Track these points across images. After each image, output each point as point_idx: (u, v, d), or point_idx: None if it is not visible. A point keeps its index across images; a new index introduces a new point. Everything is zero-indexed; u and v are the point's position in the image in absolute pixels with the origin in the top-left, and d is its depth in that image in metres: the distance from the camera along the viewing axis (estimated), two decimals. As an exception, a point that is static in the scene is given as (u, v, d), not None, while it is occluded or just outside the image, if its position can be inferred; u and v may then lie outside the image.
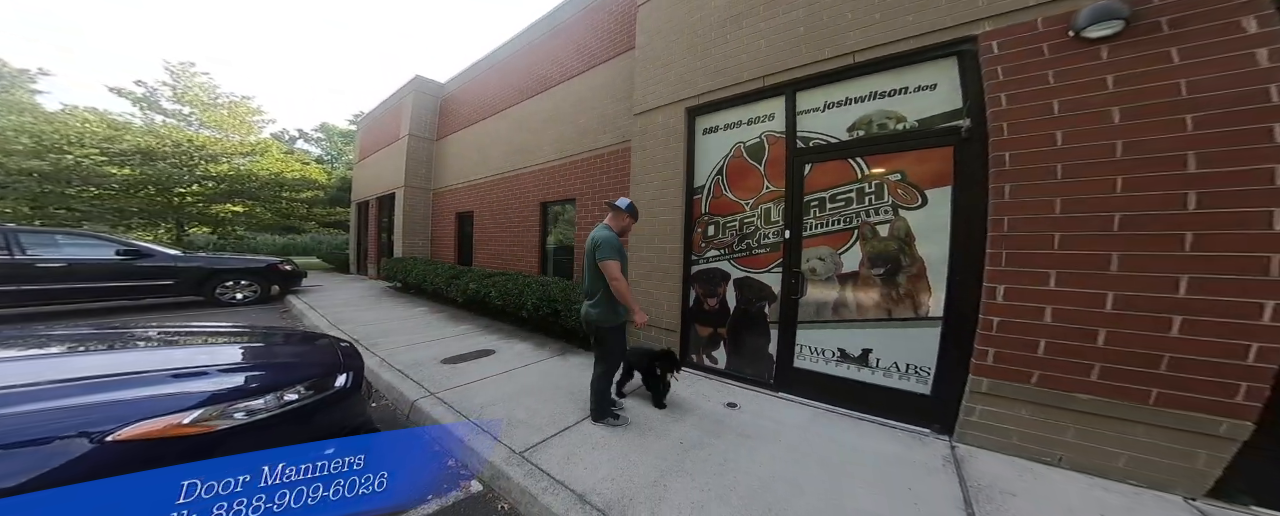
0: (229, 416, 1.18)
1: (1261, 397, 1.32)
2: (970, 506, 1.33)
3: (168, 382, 1.24)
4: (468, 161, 7.56)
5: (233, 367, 1.43)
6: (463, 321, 4.72)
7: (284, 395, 1.32)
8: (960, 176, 1.92)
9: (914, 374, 2.05)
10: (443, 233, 8.39)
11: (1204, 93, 1.42)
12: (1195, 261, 1.42)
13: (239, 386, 1.30)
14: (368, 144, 11.03)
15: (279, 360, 1.62)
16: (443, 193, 8.39)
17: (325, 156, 27.34)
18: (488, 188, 6.84)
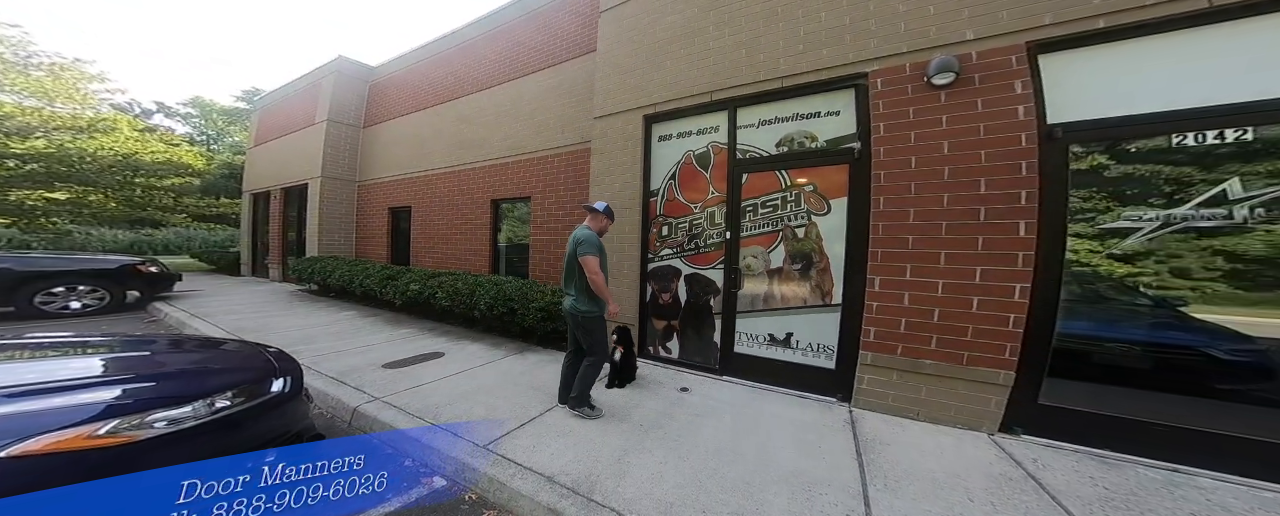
0: (149, 426, 1.19)
1: (1017, 353, 2.13)
2: (860, 456, 1.95)
3: (67, 393, 1.23)
4: (404, 153, 7.49)
5: (147, 376, 1.46)
6: (402, 324, 4.79)
7: (214, 401, 1.36)
8: (853, 189, 2.65)
9: (823, 352, 2.75)
10: (372, 229, 8.08)
11: (992, 133, 2.23)
12: (984, 257, 2.23)
13: (157, 394, 1.33)
14: (269, 127, 10.19)
15: (201, 366, 1.68)
16: (372, 185, 8.12)
17: (199, 136, 23.91)
18: (430, 182, 6.87)
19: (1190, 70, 1.94)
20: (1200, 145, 1.93)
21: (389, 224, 7.83)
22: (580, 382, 2.28)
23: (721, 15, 3.15)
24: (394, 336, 4.23)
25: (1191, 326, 1.96)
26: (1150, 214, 2.02)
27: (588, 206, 2.39)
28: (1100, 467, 1.86)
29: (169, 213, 15.13)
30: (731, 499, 1.54)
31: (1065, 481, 1.73)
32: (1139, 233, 2.05)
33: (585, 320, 2.26)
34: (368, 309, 5.90)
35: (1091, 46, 2.12)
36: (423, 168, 7.01)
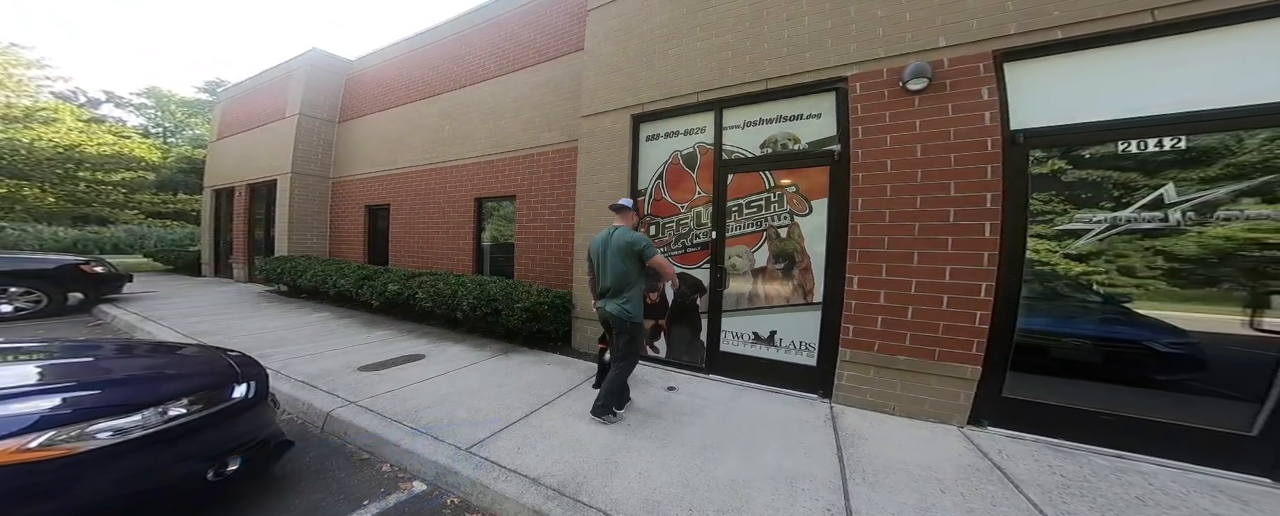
0: (90, 437, 1.13)
1: (983, 348, 2.31)
2: (840, 451, 2.10)
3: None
4: (382, 149, 7.49)
5: (90, 383, 1.41)
6: (380, 326, 4.78)
7: (167, 409, 1.31)
8: (833, 190, 2.81)
9: (805, 349, 2.90)
10: (347, 227, 7.96)
11: (960, 138, 2.41)
12: (953, 257, 2.41)
13: (100, 402, 1.27)
14: (234, 120, 10.00)
15: (153, 372, 1.63)
16: (347, 182, 8.04)
17: (154, 128, 22.88)
18: (410, 179, 6.87)
19: (1134, 82, 2.16)
20: (1142, 152, 2.14)
21: (365, 222, 7.73)
22: (613, 392, 2.30)
23: (709, 17, 3.28)
24: (370, 338, 4.22)
25: (1135, 321, 2.17)
26: (1100, 216, 2.23)
27: (617, 205, 2.46)
28: (1057, 456, 2.05)
29: (118, 209, 14.45)
30: (717, 496, 1.65)
31: (1027, 471, 1.91)
32: (1090, 233, 2.25)
33: (634, 327, 2.31)
34: (343, 310, 5.83)
35: (1050, 56, 2.33)
36: (402, 164, 7.00)
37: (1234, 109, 1.96)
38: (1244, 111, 1.95)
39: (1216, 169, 2.02)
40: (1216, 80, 2.01)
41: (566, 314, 3.97)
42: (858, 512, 1.53)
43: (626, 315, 2.29)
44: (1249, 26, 1.96)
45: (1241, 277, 1.99)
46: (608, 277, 2.36)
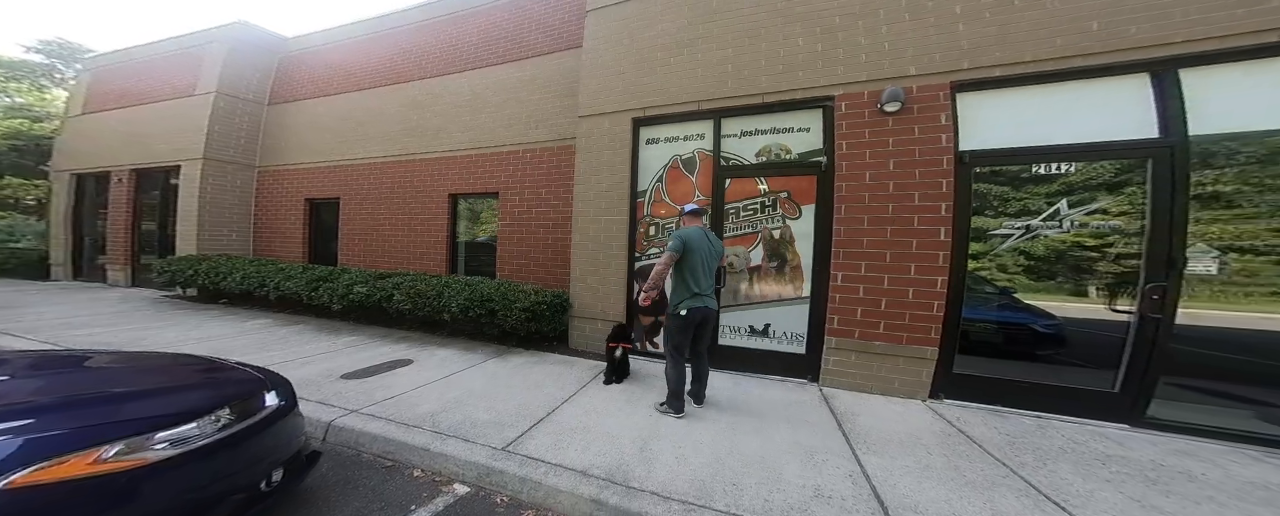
0: (150, 447, 1.14)
1: (939, 333, 2.88)
2: (841, 426, 2.51)
3: (49, 413, 1.19)
4: (331, 136, 6.97)
5: (131, 393, 1.42)
6: (341, 332, 4.53)
7: (219, 417, 1.32)
8: (820, 197, 3.25)
9: (795, 339, 3.32)
10: (282, 223, 7.22)
11: (923, 155, 2.94)
12: (917, 256, 2.98)
13: (153, 412, 1.28)
14: (111, 92, 8.63)
15: (185, 381, 1.62)
16: (283, 172, 7.35)
17: None
18: (369, 171, 6.49)
19: (1045, 117, 2.81)
20: (1048, 173, 2.81)
21: (307, 217, 7.07)
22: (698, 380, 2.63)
23: (710, 29, 3.56)
24: (338, 345, 3.98)
25: (1021, 308, 2.88)
26: (1019, 224, 2.88)
27: (697, 209, 2.71)
28: (997, 419, 2.66)
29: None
30: (752, 470, 1.92)
31: (981, 432, 2.46)
32: (1012, 238, 2.90)
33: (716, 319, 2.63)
34: (285, 316, 5.34)
35: (991, 90, 2.93)
36: (360, 155, 6.55)
37: (1100, 143, 2.67)
38: (1102, 146, 2.66)
39: (1090, 190, 2.74)
40: (1096, 120, 2.70)
41: (564, 313, 4.05)
42: (874, 476, 1.91)
43: (713, 309, 2.59)
44: (1116, 79, 2.67)
45: (1068, 271, 2.78)
46: (710, 277, 2.58)
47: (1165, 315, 2.48)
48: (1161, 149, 2.53)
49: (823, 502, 1.68)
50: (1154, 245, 2.53)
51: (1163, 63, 2.55)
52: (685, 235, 2.53)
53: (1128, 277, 2.65)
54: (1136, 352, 2.56)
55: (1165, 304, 2.48)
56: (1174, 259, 2.49)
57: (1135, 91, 2.65)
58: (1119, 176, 2.71)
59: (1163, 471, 1.98)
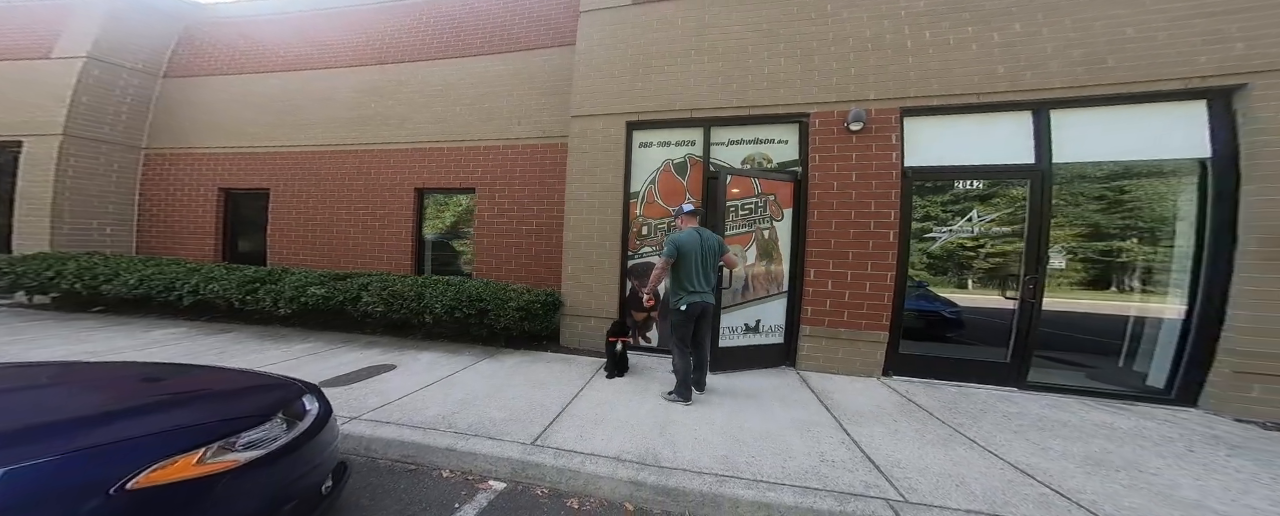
0: (234, 450, 1.16)
1: (889, 320, 3.45)
2: (824, 403, 2.88)
3: (143, 416, 1.22)
4: (258, 119, 6.12)
5: (194, 399, 1.42)
6: (290, 339, 4.15)
7: (285, 421, 1.34)
8: (797, 203, 3.66)
9: (776, 331, 3.71)
10: (183, 216, 6.30)
11: (878, 169, 3.48)
12: (873, 255, 3.51)
13: (228, 415, 1.30)
14: None
15: (236, 386, 1.61)
16: (186, 156, 6.37)
17: None
18: (308, 161, 5.82)
19: (966, 141, 3.48)
20: (964, 189, 3.51)
21: (221, 210, 6.12)
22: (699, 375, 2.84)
23: (702, 43, 3.81)
24: (294, 353, 3.60)
25: (933, 298, 3.59)
26: (943, 229, 3.56)
27: (695, 210, 2.92)
28: (933, 390, 3.25)
29: None
30: (764, 445, 2.17)
31: (926, 401, 2.99)
32: (938, 241, 3.58)
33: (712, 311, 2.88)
34: (202, 324, 4.66)
35: (926, 117, 3.54)
36: (298, 141, 5.81)
37: (990, 166, 3.40)
38: (991, 169, 3.40)
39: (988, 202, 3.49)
40: (999, 146, 3.43)
41: (556, 312, 4.07)
42: (860, 441, 2.28)
43: (713, 305, 2.87)
44: (1011, 114, 3.41)
45: (954, 268, 3.55)
46: (708, 275, 2.80)
47: (1036, 301, 3.26)
48: (1036, 171, 3.30)
49: (830, 466, 1.98)
50: (1029, 246, 3.30)
51: (1041, 104, 3.31)
52: (677, 240, 2.75)
53: (1013, 272, 3.43)
54: (1019, 331, 3.32)
55: (1036, 292, 3.26)
56: (1041, 257, 3.28)
57: (1022, 125, 3.40)
58: (999, 189, 3.50)
59: (1046, 421, 2.63)
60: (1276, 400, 2.67)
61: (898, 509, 1.65)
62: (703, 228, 2.91)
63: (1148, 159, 3.19)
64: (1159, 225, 3.33)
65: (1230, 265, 2.84)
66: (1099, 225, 3.52)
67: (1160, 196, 3.34)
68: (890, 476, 1.90)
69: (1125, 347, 3.35)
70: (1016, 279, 3.33)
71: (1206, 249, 2.95)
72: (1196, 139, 3.00)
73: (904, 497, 1.73)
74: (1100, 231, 3.53)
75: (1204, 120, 2.99)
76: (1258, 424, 2.64)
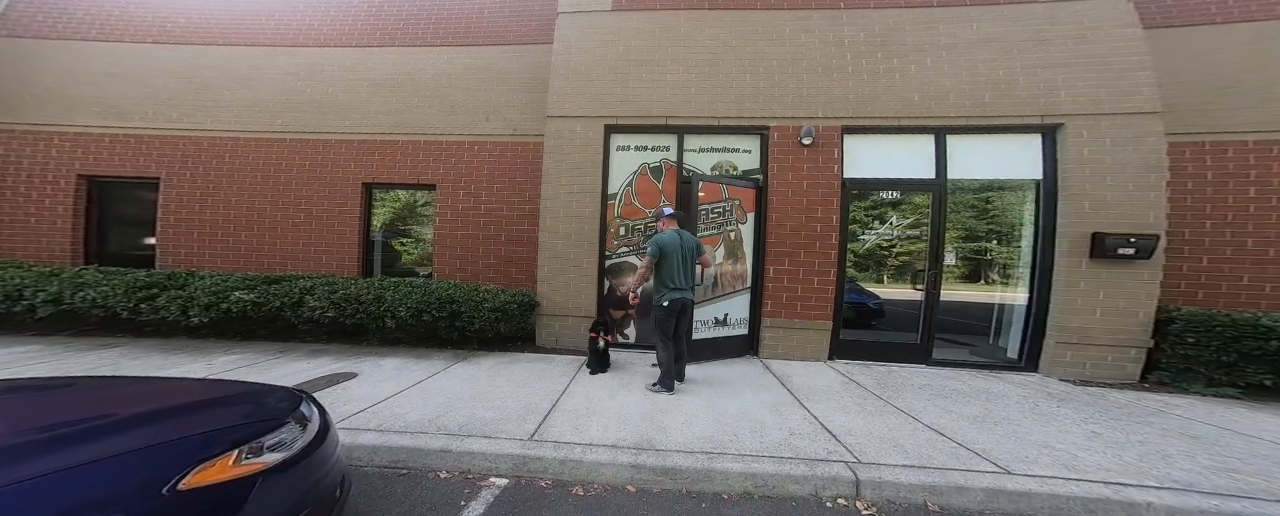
0: (262, 452, 1.16)
1: (832, 311, 4.04)
2: (785, 386, 3.26)
3: (170, 421, 1.21)
4: (147, 95, 5.14)
5: (211, 403, 1.41)
6: (208, 351, 3.66)
7: (302, 426, 1.33)
8: (759, 208, 4.09)
9: (742, 324, 4.11)
10: (27, 208, 5.15)
11: (823, 179, 4.03)
12: (818, 254, 4.05)
13: (250, 418, 1.31)
14: None
15: (244, 392, 1.57)
16: (32, 135, 5.13)
17: None
18: (220, 148, 5.05)
19: (885, 158, 4.17)
20: (885, 198, 4.25)
21: (81, 202, 5.02)
22: (677, 367, 3.01)
23: (677, 53, 4.04)
24: (221, 366, 3.22)
25: (861, 291, 4.32)
26: (870, 232, 4.26)
27: (673, 213, 3.12)
28: (868, 370, 3.87)
29: None
30: (743, 424, 2.44)
31: (864, 380, 3.54)
32: (867, 242, 4.28)
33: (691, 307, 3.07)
34: (67, 339, 3.88)
35: (861, 135, 4.17)
36: (204, 125, 4.97)
37: (905, 179, 4.16)
38: (905, 182, 4.17)
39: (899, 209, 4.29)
40: (911, 163, 4.19)
41: (531, 312, 4.03)
42: (819, 416, 2.65)
43: (692, 302, 3.08)
44: (920, 136, 4.20)
45: (874, 265, 4.38)
46: (688, 273, 3.03)
47: (936, 292, 4.08)
48: (936, 185, 4.10)
49: (798, 437, 2.31)
50: (931, 246, 4.10)
51: (941, 129, 4.09)
52: (660, 241, 2.96)
53: (919, 268, 4.23)
54: (925, 318, 4.13)
55: (937, 285, 4.08)
56: (940, 255, 4.10)
57: (928, 146, 4.19)
58: (908, 198, 4.32)
59: (948, 390, 3.30)
60: (1082, 363, 3.64)
61: (854, 469, 1.98)
62: (682, 229, 3.14)
63: (1006, 178, 4.14)
64: (1011, 230, 4.35)
65: (1052, 262, 3.84)
66: (973, 229, 4.48)
67: (1012, 207, 4.36)
68: (845, 443, 2.26)
69: (993, 328, 4.31)
70: (922, 274, 4.12)
71: (1039, 249, 3.93)
72: (1034, 164, 3.94)
73: (858, 459, 2.08)
74: (974, 234, 4.50)
75: (1039, 149, 3.96)
76: (1073, 381, 3.59)
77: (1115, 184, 3.63)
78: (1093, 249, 3.61)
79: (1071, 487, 1.82)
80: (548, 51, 4.30)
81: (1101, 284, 3.61)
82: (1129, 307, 3.57)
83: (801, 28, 4.13)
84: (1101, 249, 3.56)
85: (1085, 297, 3.64)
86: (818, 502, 1.85)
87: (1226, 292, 3.83)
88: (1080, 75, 3.78)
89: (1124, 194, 3.61)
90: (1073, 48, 3.82)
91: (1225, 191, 3.89)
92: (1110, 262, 3.59)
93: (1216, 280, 3.88)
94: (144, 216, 4.98)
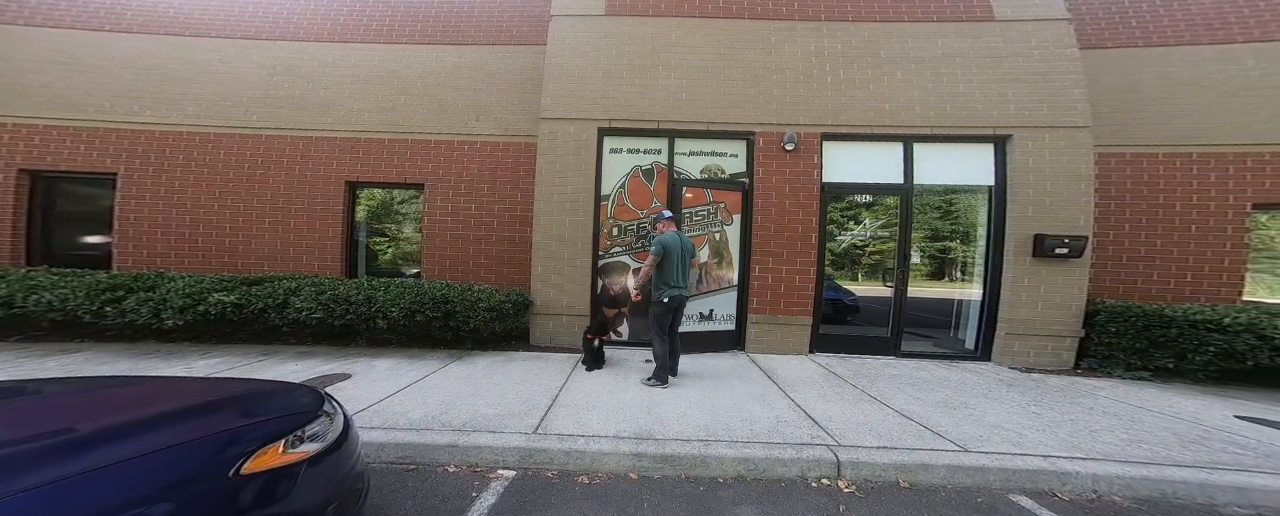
0: (303, 441, 1.22)
1: (812, 307, 4.33)
2: (770, 376, 3.49)
3: (216, 413, 1.28)
4: (101, 85, 4.82)
5: (246, 396, 1.47)
6: (183, 355, 3.54)
7: (333, 420, 1.39)
8: (744, 210, 4.32)
9: (728, 320, 4.34)
10: None
11: (804, 183, 4.32)
12: (800, 253, 4.32)
13: (289, 410, 1.36)
14: None
15: (269, 387, 1.63)
16: None
17: None
18: (185, 144, 4.81)
19: (859, 163, 4.51)
20: (858, 201, 4.59)
21: (21, 199, 4.69)
22: (671, 362, 3.18)
23: (670, 58, 4.19)
24: (200, 369, 3.10)
25: (838, 288, 4.67)
26: (847, 233, 4.60)
27: (668, 217, 3.28)
28: (844, 362, 4.17)
29: None
30: (735, 414, 2.62)
31: (841, 371, 3.83)
32: (843, 242, 4.61)
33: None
34: (32, 345, 3.67)
35: (838, 141, 4.48)
36: (167, 119, 4.71)
37: (877, 184, 4.52)
38: (877, 186, 4.53)
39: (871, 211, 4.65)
40: (882, 168, 4.55)
41: (525, 312, 4.09)
42: (802, 405, 2.89)
43: (686, 300, 3.28)
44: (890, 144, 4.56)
45: (848, 263, 4.76)
46: (686, 272, 3.22)
47: (904, 289, 4.46)
48: (904, 189, 4.47)
49: (784, 424, 2.52)
50: (899, 246, 4.48)
51: (908, 137, 4.44)
52: (665, 241, 3.11)
53: (889, 267, 4.60)
54: (895, 312, 4.51)
55: (905, 282, 4.46)
56: (907, 254, 4.48)
57: (897, 153, 4.55)
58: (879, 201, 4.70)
59: (915, 379, 3.62)
60: (1027, 352, 4.08)
61: (835, 451, 2.20)
62: (680, 231, 3.32)
63: (964, 183, 4.57)
64: (969, 231, 4.80)
65: (1002, 261, 4.28)
66: (938, 230, 4.91)
67: (969, 210, 4.81)
68: (826, 428, 2.49)
69: (953, 322, 4.75)
70: (892, 272, 4.49)
71: (991, 249, 4.37)
72: (988, 171, 4.37)
73: (838, 442, 2.30)
74: (938, 235, 4.93)
75: (991, 158, 4.40)
76: (1020, 369, 4.03)
77: (1053, 190, 4.10)
78: (1035, 249, 4.06)
79: (1016, 461, 2.11)
80: (540, 52, 4.36)
81: (1042, 280, 4.08)
82: (1064, 301, 4.05)
83: (786, 38, 4.38)
84: (1041, 249, 4.01)
85: (1028, 293, 4.09)
86: (804, 483, 2.05)
87: (1141, 287, 4.41)
88: (1027, 90, 4.23)
89: (1060, 200, 4.08)
90: (1022, 65, 4.25)
91: (1140, 198, 4.47)
92: (1049, 261, 4.05)
93: (1133, 276, 4.45)
94: (97, 214, 4.65)
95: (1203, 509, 1.90)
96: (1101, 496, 1.97)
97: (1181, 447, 2.31)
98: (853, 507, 1.87)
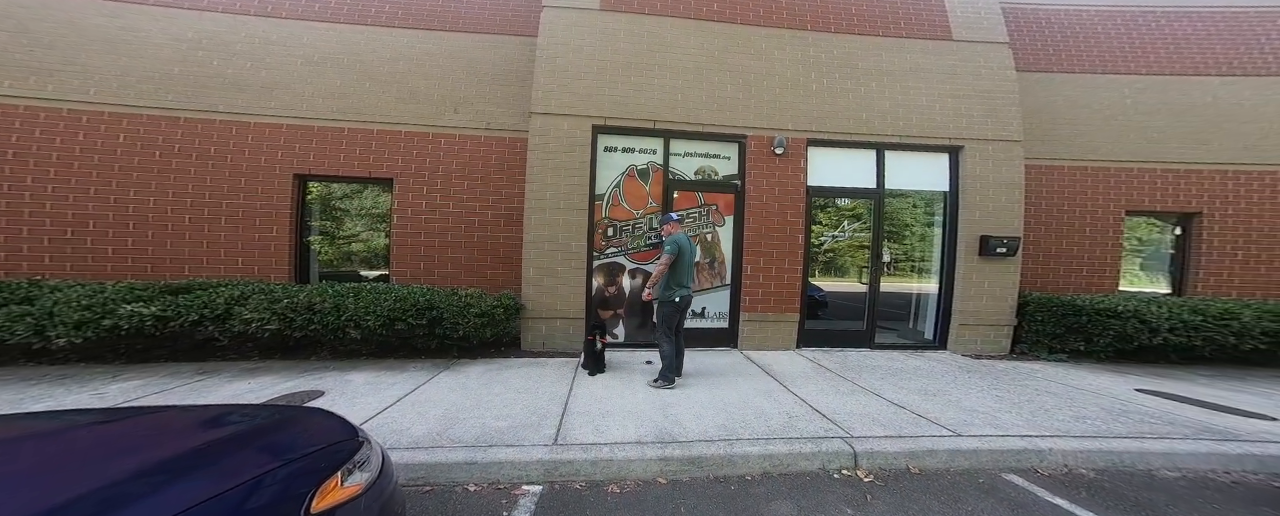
0: (355, 471, 1.18)
1: (799, 304, 4.61)
2: (768, 373, 3.62)
3: (271, 437, 1.27)
4: None
5: (281, 424, 1.41)
6: (89, 378, 2.97)
7: (373, 444, 1.34)
8: (736, 210, 4.45)
9: (721, 317, 4.47)
10: None
11: (792, 186, 4.56)
12: (788, 253, 4.57)
13: (333, 440, 1.30)
14: None
15: (294, 417, 1.54)
16: None
17: None
18: (74, 125, 3.96)
19: (838, 168, 4.86)
20: (836, 203, 4.96)
21: None
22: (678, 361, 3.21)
23: (664, 59, 4.16)
24: (114, 395, 2.55)
25: (809, 285, 5.03)
26: (829, 234, 4.95)
27: (673, 218, 3.32)
28: (830, 354, 4.47)
29: None
30: (746, 410, 2.72)
31: (828, 364, 4.09)
32: (825, 243, 4.96)
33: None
34: None
35: (821, 147, 4.78)
36: (41, 91, 3.83)
37: (854, 188, 4.94)
38: (854, 190, 4.96)
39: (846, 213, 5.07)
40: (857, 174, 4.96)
41: (516, 317, 3.87)
42: (804, 398, 3.04)
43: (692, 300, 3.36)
44: (864, 151, 4.99)
45: (824, 262, 5.20)
46: (693, 272, 3.26)
47: (876, 285, 4.92)
48: (877, 193, 4.93)
49: (796, 418, 2.65)
50: (874, 246, 4.93)
51: (880, 145, 4.87)
52: (679, 241, 3.12)
53: (863, 265, 5.05)
54: (869, 307, 4.95)
55: (877, 279, 4.92)
56: (879, 253, 4.94)
57: (871, 160, 4.98)
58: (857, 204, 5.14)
59: (893, 369, 3.97)
60: (975, 340, 4.67)
61: (851, 443, 2.32)
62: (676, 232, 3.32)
63: (926, 189, 5.12)
64: (929, 233, 5.39)
65: (954, 259, 4.89)
66: (903, 231, 5.45)
67: (930, 213, 5.42)
68: (835, 421, 2.62)
69: (913, 314, 5.31)
70: (865, 270, 4.91)
71: (946, 249, 4.97)
72: (944, 178, 4.97)
73: (850, 434, 2.44)
74: (903, 236, 5.48)
75: (946, 166, 4.99)
76: (971, 356, 4.62)
77: (995, 197, 4.73)
78: (980, 248, 4.67)
79: (1002, 443, 2.37)
80: (527, 44, 4.13)
81: (986, 276, 4.70)
82: (1002, 294, 4.70)
83: (775, 44, 4.57)
84: (986, 248, 4.62)
85: (976, 287, 4.69)
86: (826, 475, 2.16)
87: (1053, 282, 5.26)
88: (976, 106, 4.82)
89: (1000, 205, 4.73)
90: (972, 83, 4.84)
91: (1053, 203, 5.32)
92: (991, 259, 4.68)
93: (1048, 272, 5.29)
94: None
95: (1143, 473, 2.28)
96: (1071, 470, 2.29)
97: (1113, 420, 2.75)
98: (878, 496, 2.00)
